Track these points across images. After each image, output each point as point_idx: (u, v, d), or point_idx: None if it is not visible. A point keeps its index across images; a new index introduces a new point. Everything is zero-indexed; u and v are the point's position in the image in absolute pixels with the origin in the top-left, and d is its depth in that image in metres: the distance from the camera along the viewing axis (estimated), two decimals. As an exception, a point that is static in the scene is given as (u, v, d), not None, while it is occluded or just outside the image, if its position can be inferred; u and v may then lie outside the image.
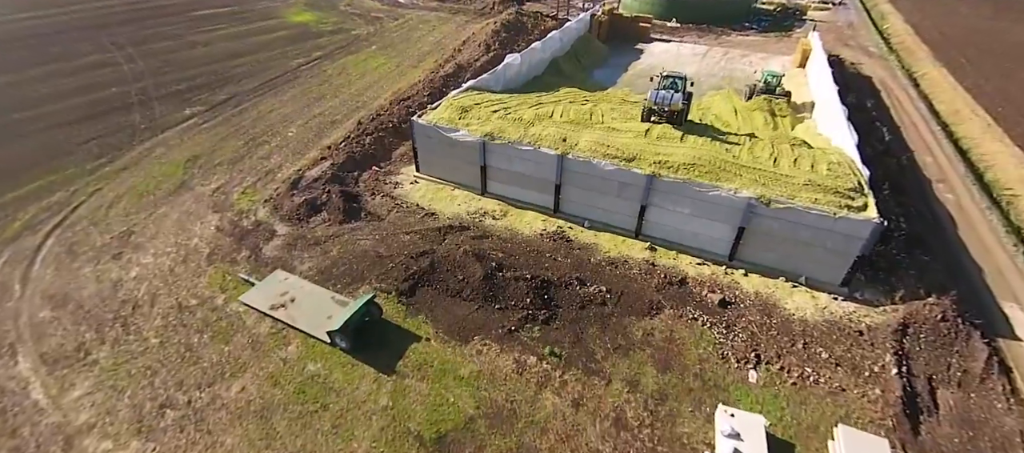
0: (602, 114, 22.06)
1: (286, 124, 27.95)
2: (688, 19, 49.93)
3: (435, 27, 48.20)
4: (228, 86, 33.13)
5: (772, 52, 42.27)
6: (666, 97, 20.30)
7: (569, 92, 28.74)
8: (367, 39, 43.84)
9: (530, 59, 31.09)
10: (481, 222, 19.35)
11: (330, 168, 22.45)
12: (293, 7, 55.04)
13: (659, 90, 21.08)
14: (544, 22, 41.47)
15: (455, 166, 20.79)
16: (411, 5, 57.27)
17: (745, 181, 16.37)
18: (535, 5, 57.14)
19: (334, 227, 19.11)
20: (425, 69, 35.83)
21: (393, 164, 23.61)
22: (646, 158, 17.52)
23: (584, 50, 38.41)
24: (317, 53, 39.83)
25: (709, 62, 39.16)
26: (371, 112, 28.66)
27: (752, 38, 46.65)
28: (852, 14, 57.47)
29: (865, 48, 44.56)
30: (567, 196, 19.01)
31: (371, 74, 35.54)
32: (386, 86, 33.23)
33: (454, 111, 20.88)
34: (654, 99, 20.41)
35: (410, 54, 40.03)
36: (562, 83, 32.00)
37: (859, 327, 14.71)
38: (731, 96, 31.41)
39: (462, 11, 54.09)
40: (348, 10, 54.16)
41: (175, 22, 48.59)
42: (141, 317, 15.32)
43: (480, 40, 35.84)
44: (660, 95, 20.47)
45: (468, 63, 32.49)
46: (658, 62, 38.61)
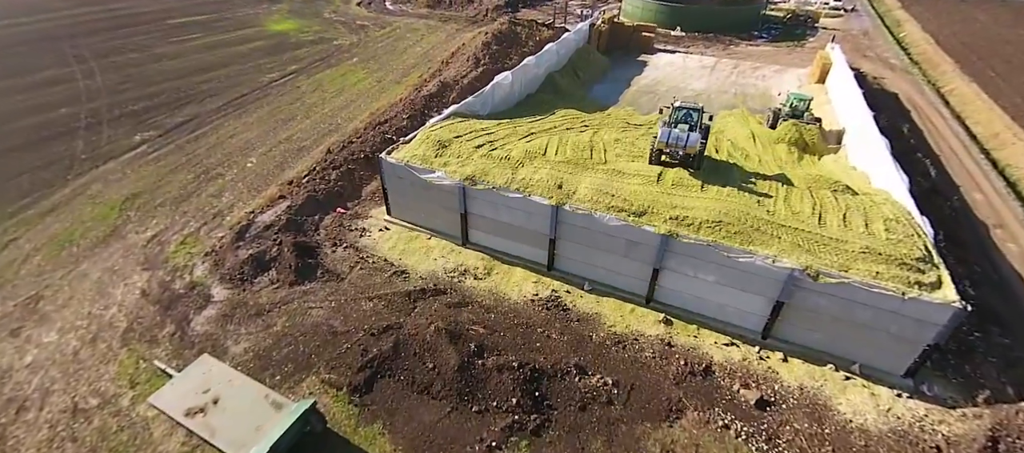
0: (604, 148, 18.84)
1: (246, 152, 24.72)
2: (694, 28, 46.86)
3: (423, 37, 45.06)
4: (190, 105, 29.91)
5: (785, 64, 39.17)
6: (680, 137, 16.77)
7: (566, 114, 25.59)
8: (349, 50, 40.64)
9: (523, 76, 27.94)
10: (460, 283, 16.12)
11: (287, 211, 19.22)
12: (275, 15, 51.89)
13: (671, 126, 17.63)
14: (539, 32, 38.38)
15: (431, 211, 17.60)
16: (400, 13, 54.15)
17: (785, 245, 13.17)
18: (530, 13, 54.05)
19: (283, 290, 15.88)
20: (408, 85, 32.66)
21: (362, 204, 20.37)
22: (659, 212, 14.32)
23: (583, 63, 35.27)
24: (293, 67, 36.63)
25: (718, 76, 36.03)
26: (343, 137, 25.46)
27: (763, 48, 43.55)
28: (866, 21, 54.45)
29: (885, 60, 41.48)
30: (564, 252, 15.81)
31: (349, 91, 32.34)
32: (364, 105, 30.03)
33: (430, 146, 17.66)
34: (665, 139, 16.92)
35: (394, 68, 36.85)
36: (558, 102, 28.89)
37: (936, 441, 11.50)
38: (747, 117, 28.29)
39: (453, 19, 50.96)
40: (333, 18, 51.01)
41: (147, 32, 45.43)
42: (23, 426, 12.07)
43: (469, 53, 32.71)
44: (673, 135, 16.92)
45: (454, 80, 29.33)
46: (663, 77, 35.49)
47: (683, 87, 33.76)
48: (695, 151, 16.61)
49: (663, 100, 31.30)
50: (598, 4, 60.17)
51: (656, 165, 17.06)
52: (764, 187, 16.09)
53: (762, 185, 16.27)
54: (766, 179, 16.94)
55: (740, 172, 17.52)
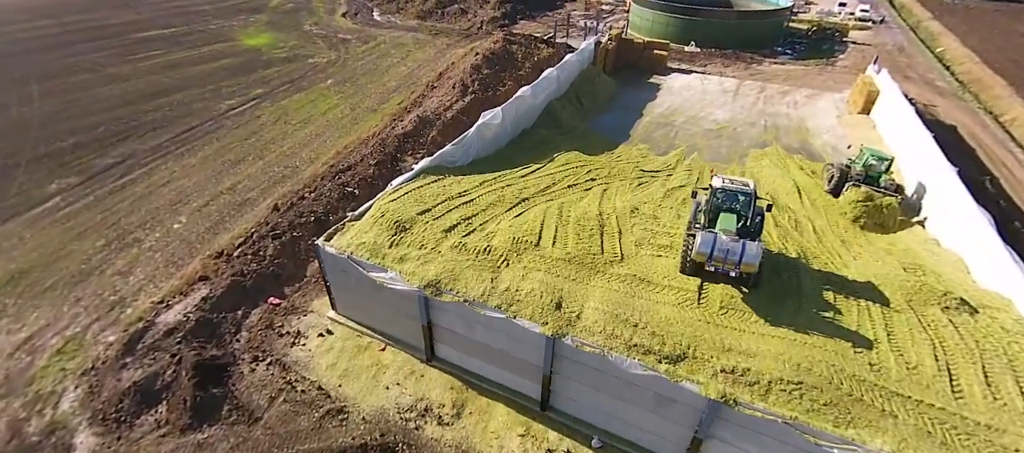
0: (618, 227, 14.19)
1: (177, 207, 20.25)
2: (710, 43, 42.27)
3: (410, 53, 40.62)
4: (128, 141, 25.48)
5: (817, 87, 34.55)
6: (731, 250, 11.03)
7: (567, 161, 21.04)
8: (324, 70, 36.21)
9: (517, 109, 23.42)
10: (418, 432, 11.54)
11: (201, 304, 14.71)
12: (251, 27, 47.59)
13: (715, 227, 11.95)
14: (538, 50, 33.90)
15: (386, 314, 13.07)
16: (387, 25, 49.78)
17: (906, 431, 8.51)
18: (529, 25, 49.60)
19: (171, 440, 11.36)
20: (386, 114, 28.18)
21: (304, 290, 15.82)
22: (705, 356, 9.72)
23: (587, 88, 30.75)
24: (258, 90, 32.22)
25: (743, 103, 31.42)
26: (297, 187, 20.97)
27: (789, 68, 38.93)
28: (898, 35, 49.77)
29: (930, 82, 36.81)
30: (563, 390, 11.25)
31: (316, 122, 27.88)
32: (330, 141, 25.54)
33: (385, 229, 13.09)
34: (708, 250, 11.20)
35: (372, 92, 32.39)
36: (558, 140, 24.37)
37: None
38: (785, 160, 23.72)
39: (444, 32, 46.54)
40: (313, 31, 46.66)
41: (108, 47, 41.11)
42: None
43: (456, 78, 28.23)
44: (720, 245, 11.13)
45: (436, 113, 24.82)
46: (679, 104, 30.89)
47: (702, 116, 29.18)
48: (754, 270, 11.25)
49: (681, 134, 26.79)
50: (603, 14, 55.70)
51: (692, 275, 12.19)
52: (851, 309, 11.36)
53: (848, 305, 11.53)
54: (851, 293, 12.13)
55: (809, 275, 12.79)
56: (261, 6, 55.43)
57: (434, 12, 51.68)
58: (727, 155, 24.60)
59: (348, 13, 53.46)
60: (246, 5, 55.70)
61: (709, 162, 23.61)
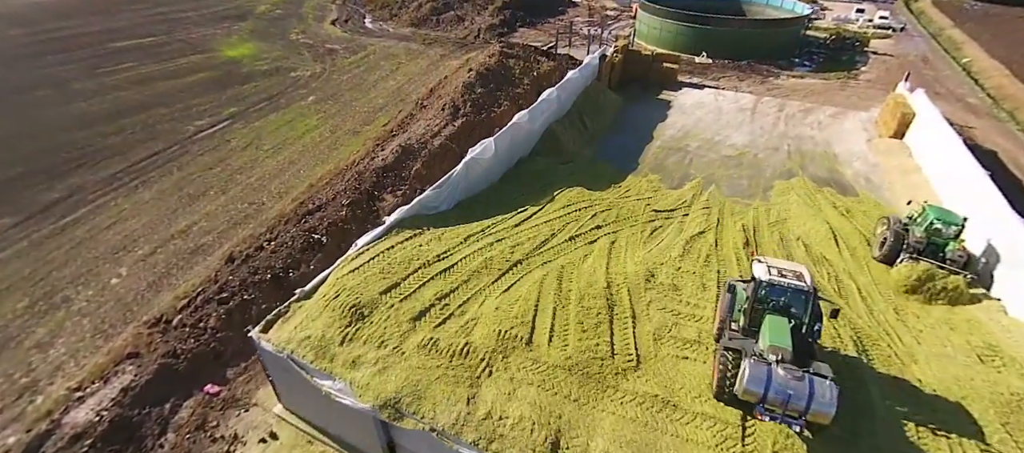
0: (630, 310, 11.51)
1: (120, 255, 17.62)
2: (723, 54, 39.50)
3: (401, 65, 37.97)
4: (79, 171, 22.89)
5: (842, 104, 31.80)
6: (796, 393, 8.20)
7: (569, 203, 18.35)
8: (306, 85, 33.59)
9: (512, 138, 20.74)
10: None
11: (123, 394, 12.06)
12: (233, 37, 45.00)
13: (760, 334, 9.35)
14: (537, 64, 31.23)
15: (339, 419, 10.39)
16: (379, 33, 47.16)
17: None
18: (528, 33, 46.94)
19: None
20: (368, 138, 25.53)
21: (250, 371, 13.10)
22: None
23: (591, 107, 28.05)
24: (232, 108, 29.61)
25: (763, 124, 28.66)
26: (258, 231, 18.32)
27: (809, 81, 36.16)
28: (920, 44, 46.94)
29: (960, 97, 34.02)
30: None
31: (291, 147, 25.24)
32: (304, 171, 22.91)
33: (338, 317, 10.43)
34: (762, 389, 8.37)
35: (356, 110, 29.75)
36: (559, 171, 21.75)
37: None
38: (812, 192, 21.07)
39: (438, 42, 43.88)
40: (299, 40, 44.06)
41: (78, 59, 38.56)
42: None
43: (447, 99, 25.56)
44: (778, 384, 8.31)
45: (422, 140, 22.14)
46: (693, 124, 28.16)
47: (719, 140, 26.44)
48: (828, 422, 8.23)
49: (696, 161, 24.03)
50: (607, 21, 53.00)
51: (728, 402, 9.19)
52: (941, 446, 8.61)
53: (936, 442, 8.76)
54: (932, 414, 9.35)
55: (876, 384, 10.00)
56: (247, 13, 52.90)
57: (429, 19, 49.06)
58: (748, 188, 21.87)
59: (338, 20, 50.88)
60: (231, 12, 53.18)
61: (729, 197, 20.89)
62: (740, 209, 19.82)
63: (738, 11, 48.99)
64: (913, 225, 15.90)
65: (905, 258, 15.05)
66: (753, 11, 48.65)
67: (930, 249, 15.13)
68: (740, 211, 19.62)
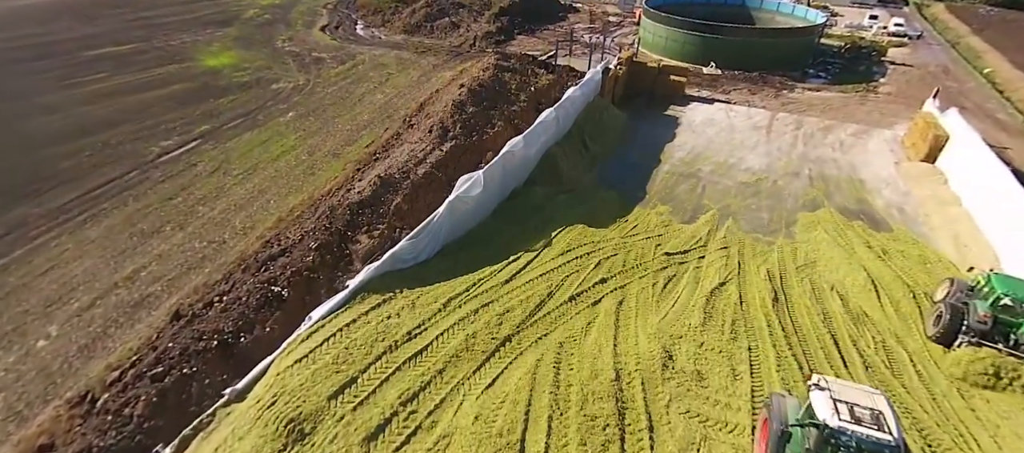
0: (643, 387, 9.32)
1: (53, 309, 15.34)
2: (733, 64, 37.21)
3: (391, 76, 35.69)
4: (26, 202, 20.55)
5: (863, 121, 29.53)
6: None
7: (569, 246, 16.07)
8: (288, 99, 31.30)
9: (504, 167, 18.47)
10: None
11: (17, 513, 9.79)
12: (215, 44, 42.71)
13: None
14: (535, 77, 28.96)
15: None
16: (370, 40, 44.87)
17: None
18: (527, 41, 44.67)
19: None
20: (349, 162, 23.23)
21: (183, 473, 10.85)
22: None
23: (594, 126, 25.80)
24: (204, 126, 27.32)
25: (780, 144, 26.37)
26: (214, 279, 16.00)
27: (825, 95, 33.86)
28: (939, 53, 44.65)
29: (989, 113, 31.74)
30: None
31: (262, 172, 22.95)
32: (273, 203, 20.62)
33: (270, 436, 8.14)
34: None
35: (339, 128, 27.46)
36: (558, 202, 19.48)
37: None
38: (841, 227, 18.78)
39: (432, 50, 41.59)
40: (285, 48, 41.77)
41: (50, 69, 36.22)
42: None
43: (435, 118, 23.27)
44: None
45: (404, 168, 19.82)
46: (704, 145, 25.84)
47: (733, 163, 24.14)
48: None
49: (709, 188, 21.70)
50: (609, 28, 50.73)
51: None
52: None
53: None
54: None
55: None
56: (232, 18, 50.61)
57: (422, 26, 46.77)
58: (769, 221, 19.58)
59: (329, 26, 48.59)
60: (216, 17, 50.90)
61: (748, 233, 18.61)
62: (762, 248, 17.56)
63: (747, 19, 46.72)
64: (977, 298, 12.89)
65: (965, 341, 12.25)
66: (763, 18, 46.38)
67: (998, 327, 12.29)
68: (762, 251, 17.35)
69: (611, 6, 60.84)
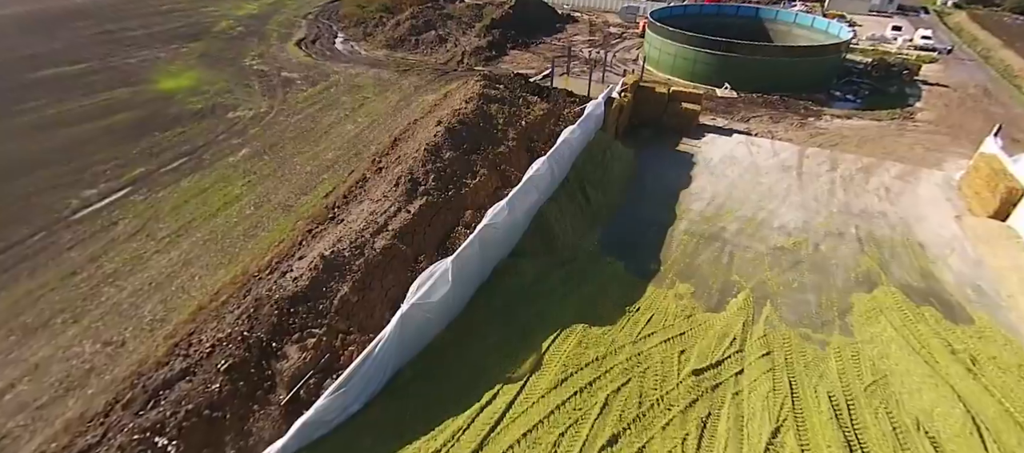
0: None
1: None
2: (750, 86, 33.28)
3: (366, 101, 31.73)
4: None
5: (905, 156, 25.56)
6: None
7: (564, 363, 12.16)
8: (243, 131, 27.30)
9: (483, 245, 14.51)
10: None
11: None
12: (177, 62, 38.74)
13: None
14: (526, 108, 24.97)
15: None
16: (349, 56, 40.90)
17: None
18: (521, 56, 40.71)
19: None
20: (301, 218, 19.24)
21: None
22: None
23: (595, 170, 21.85)
24: (139, 169, 23.33)
25: (814, 189, 22.40)
26: (93, 405, 12.00)
27: (856, 122, 29.90)
28: (975, 71, 40.68)
29: (1049, 145, 27.76)
30: None
31: (195, 233, 18.96)
32: (198, 280, 16.60)
33: None
34: None
35: (297, 171, 23.46)
36: (550, 284, 15.56)
37: None
38: (911, 320, 14.79)
39: (415, 68, 37.63)
40: (253, 67, 37.79)
41: (-13, 91, 32.36)
42: None
43: (405, 167, 19.28)
44: None
45: (359, 241, 15.79)
46: (725, 192, 21.84)
47: (763, 218, 20.15)
48: None
49: (738, 256, 17.33)
50: (611, 40, 46.82)
51: None
52: None
53: None
54: None
55: None
56: (202, 31, 46.68)
57: (406, 40, 42.81)
58: (818, 309, 15.59)
59: (306, 40, 44.63)
60: (185, 30, 46.98)
61: (794, 328, 14.65)
62: (813, 354, 13.60)
63: (761, 32, 42.83)
64: None
65: None
66: (779, 32, 42.48)
67: None
68: (815, 361, 13.39)
69: (612, 15, 57.00)
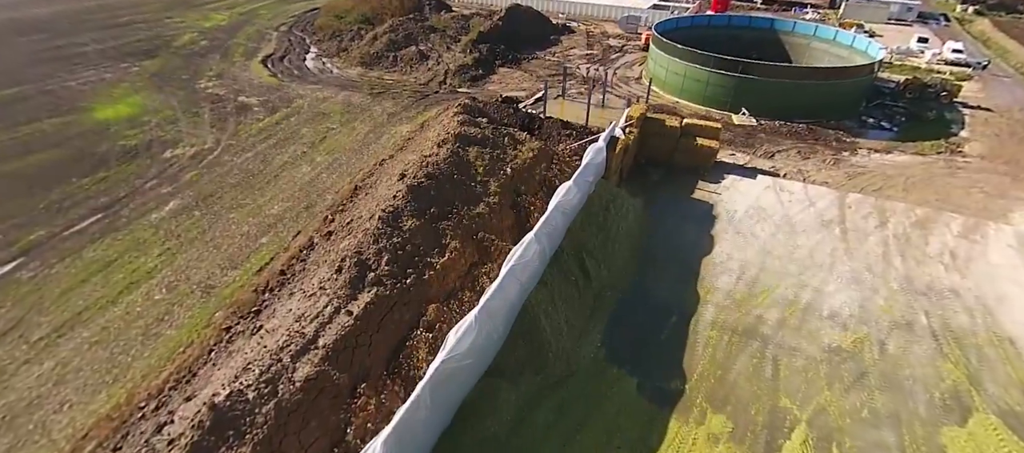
0: None
1: None
2: (770, 112, 29.18)
3: (330, 132, 27.48)
4: None
5: (965, 207, 21.43)
6: None
7: None
8: (178, 176, 23.00)
9: (446, 386, 10.30)
10: None
11: None
12: (123, 85, 34.36)
13: None
14: (513, 150, 20.74)
15: None
16: (317, 75, 36.59)
17: None
18: (510, 75, 36.47)
19: None
20: (224, 302, 15.00)
21: None
22: None
23: (595, 236, 17.66)
24: (39, 231, 19.03)
25: (864, 251, 18.23)
26: None
27: (898, 158, 25.77)
28: (1015, 90, 36.61)
29: None
30: None
31: (79, 333, 14.66)
32: (68, 416, 12.34)
33: None
34: None
35: (231, 232, 19.16)
36: (535, 423, 11.39)
37: None
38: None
39: (392, 90, 33.39)
40: (207, 89, 33.46)
41: None
42: None
43: (353, 243, 15.08)
44: None
45: (272, 371, 11.61)
46: (758, 260, 17.64)
47: (810, 304, 15.95)
48: None
49: (784, 364, 12.74)
50: (610, 54, 42.67)
51: None
52: None
53: None
54: None
55: None
56: (161, 47, 42.28)
57: (384, 56, 38.54)
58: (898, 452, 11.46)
59: (273, 57, 40.29)
60: (143, 45, 42.59)
61: (875, 494, 10.48)
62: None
63: (776, 45, 38.75)
64: None
65: None
66: (797, 45, 38.39)
67: None
68: None
69: (611, 25, 52.89)
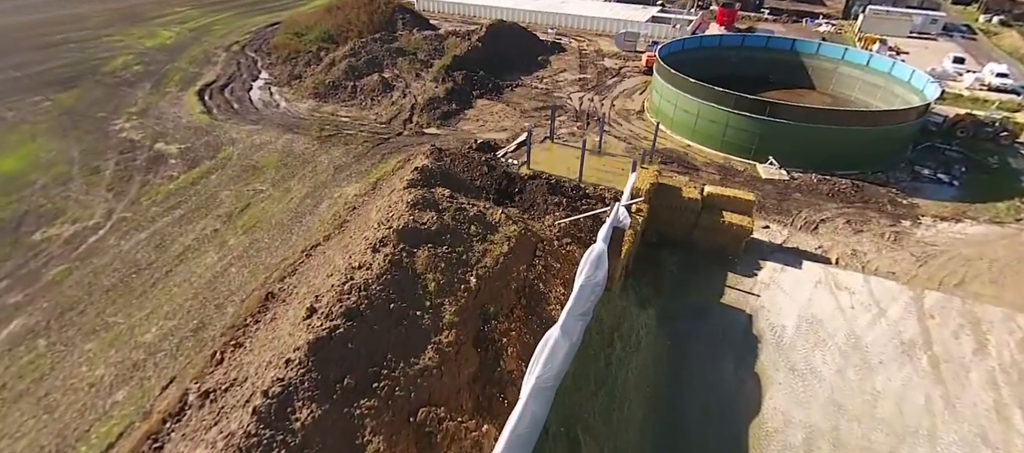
0: None
1: None
2: (803, 162, 23.89)
3: (258, 196, 21.84)
4: None
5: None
6: None
7: None
8: (41, 270, 17.24)
9: None
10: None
11: None
12: (22, 128, 28.45)
13: None
14: (482, 242, 15.31)
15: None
16: (262, 111, 30.87)
17: None
18: (490, 109, 30.91)
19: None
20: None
21: None
22: None
23: (595, 396, 12.19)
24: None
25: (966, 401, 12.88)
26: None
27: (973, 230, 20.51)
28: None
29: None
30: None
31: None
32: None
33: None
34: None
35: (73, 380, 13.44)
36: None
37: None
38: None
39: (344, 132, 27.77)
40: (121, 133, 27.66)
41: None
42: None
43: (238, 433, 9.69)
44: None
45: None
46: (824, 420, 12.20)
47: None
48: None
49: None
50: (607, 79, 37.30)
51: None
52: None
53: None
54: None
55: None
56: (87, 73, 36.30)
57: (342, 85, 32.88)
58: None
59: (214, 86, 34.47)
60: (67, 72, 36.59)
61: None
62: None
63: (797, 68, 33.61)
64: None
65: None
66: (821, 69, 33.24)
67: None
68: None
69: (606, 41, 47.61)
